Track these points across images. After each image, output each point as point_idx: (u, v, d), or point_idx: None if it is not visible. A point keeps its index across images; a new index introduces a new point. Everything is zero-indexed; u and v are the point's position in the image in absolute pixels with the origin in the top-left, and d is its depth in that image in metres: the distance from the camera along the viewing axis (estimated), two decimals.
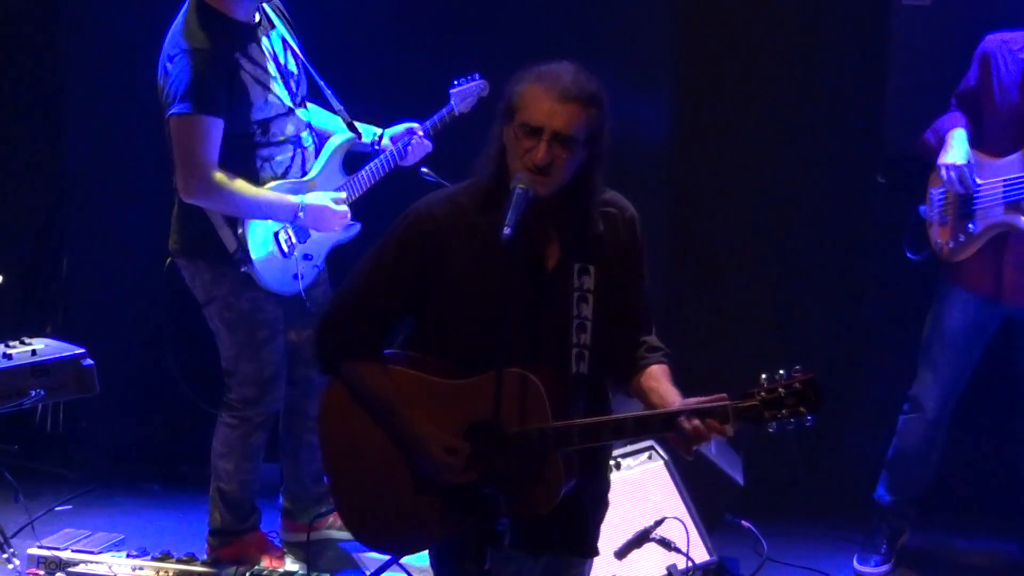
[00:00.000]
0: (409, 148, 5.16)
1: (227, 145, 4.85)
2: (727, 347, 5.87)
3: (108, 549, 4.93)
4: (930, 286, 5.36)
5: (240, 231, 4.90)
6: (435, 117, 5.23)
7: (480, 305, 3.44)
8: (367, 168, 5.16)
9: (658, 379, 3.51)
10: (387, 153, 5.16)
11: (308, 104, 5.19)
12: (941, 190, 5.16)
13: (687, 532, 4.64)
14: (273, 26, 5.03)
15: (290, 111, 5.01)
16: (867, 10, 5.99)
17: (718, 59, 6.16)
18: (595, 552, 3.65)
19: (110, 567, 4.74)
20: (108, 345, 5.59)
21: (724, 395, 3.33)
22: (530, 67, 3.45)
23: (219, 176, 4.79)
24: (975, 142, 5.10)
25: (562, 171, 3.39)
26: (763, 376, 3.31)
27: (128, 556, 4.84)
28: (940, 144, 5.12)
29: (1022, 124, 5.00)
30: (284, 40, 5.06)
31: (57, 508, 5.74)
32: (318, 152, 5.14)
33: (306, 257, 5.06)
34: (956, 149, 5.04)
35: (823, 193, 6.02)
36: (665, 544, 4.57)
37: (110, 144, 5.97)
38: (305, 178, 5.06)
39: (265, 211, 4.91)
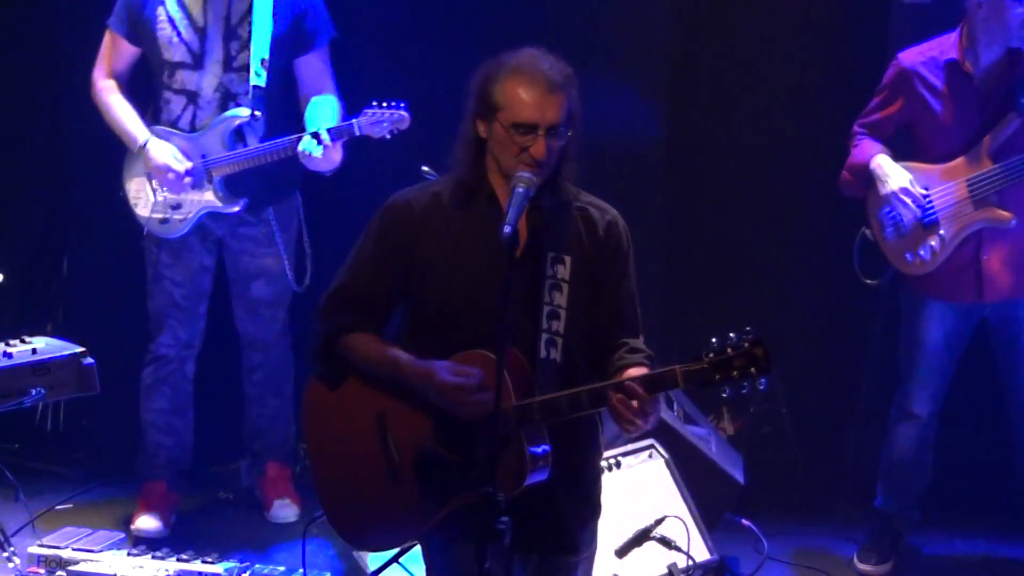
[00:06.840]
0: (305, 148, 5.07)
1: (150, 73, 5.31)
2: None
3: (108, 548, 4.93)
4: (896, 300, 5.38)
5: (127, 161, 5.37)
6: (334, 129, 5.13)
7: (455, 292, 3.47)
8: (246, 148, 5.19)
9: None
10: (273, 143, 5.16)
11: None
12: (888, 208, 5.15)
13: (687, 531, 4.65)
14: None
15: (198, 66, 5.11)
16: (867, 9, 5.99)
17: (716, 59, 6.16)
18: (574, 549, 3.59)
19: (110, 565, 4.74)
20: (108, 344, 5.59)
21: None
22: (496, 60, 3.45)
23: (103, 84, 5.35)
24: (915, 156, 5.12)
25: (554, 157, 3.43)
26: (712, 340, 3.28)
27: (128, 555, 4.84)
28: (862, 179, 5.15)
29: (964, 126, 5.02)
30: (258, 4, 5.09)
31: (57, 507, 5.74)
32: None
33: (175, 208, 5.29)
34: (893, 175, 5.05)
35: (823, 193, 6.01)
36: (666, 543, 4.57)
37: (110, 144, 5.96)
38: (193, 132, 5.23)
39: (117, 130, 5.35)
